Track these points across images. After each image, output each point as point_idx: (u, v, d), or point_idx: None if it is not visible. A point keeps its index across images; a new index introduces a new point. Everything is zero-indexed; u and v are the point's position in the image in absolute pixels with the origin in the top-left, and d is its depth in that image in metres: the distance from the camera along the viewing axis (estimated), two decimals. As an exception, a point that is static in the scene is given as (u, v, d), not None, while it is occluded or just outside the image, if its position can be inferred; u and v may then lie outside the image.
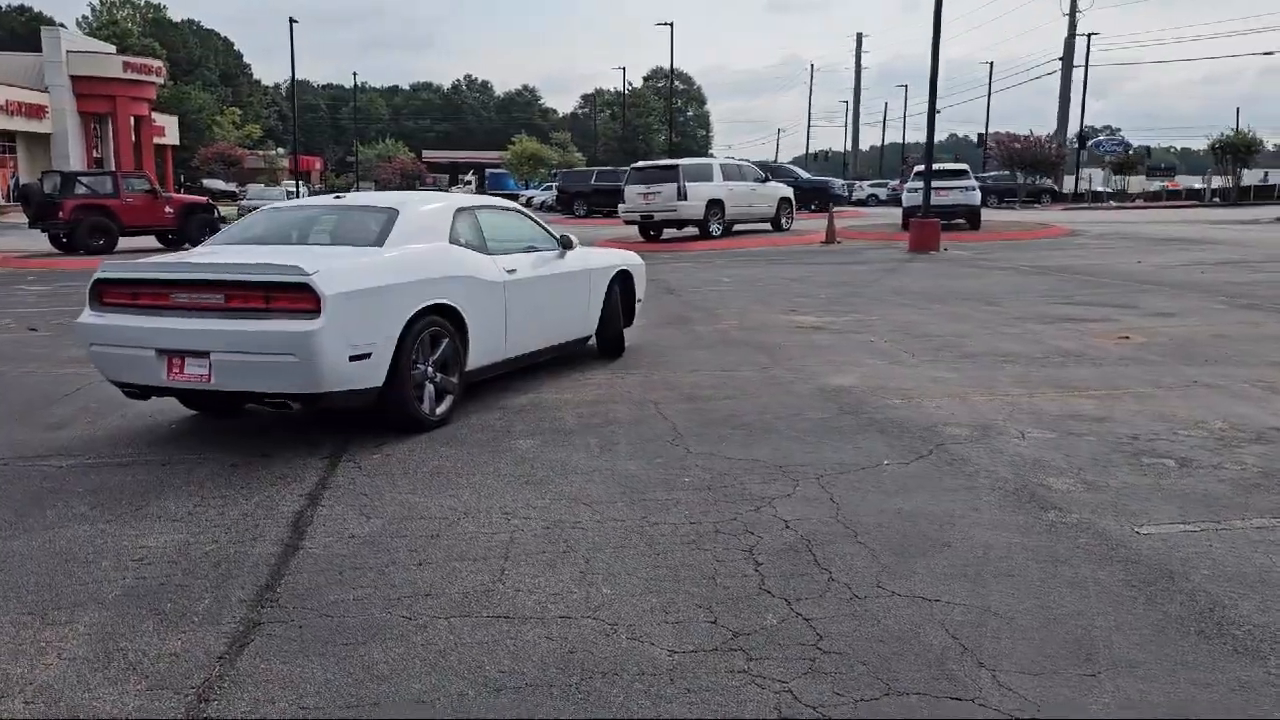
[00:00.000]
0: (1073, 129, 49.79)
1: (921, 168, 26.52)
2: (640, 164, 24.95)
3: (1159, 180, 54.43)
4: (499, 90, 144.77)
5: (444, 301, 6.24)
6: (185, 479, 5.28)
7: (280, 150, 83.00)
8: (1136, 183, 52.71)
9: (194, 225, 23.60)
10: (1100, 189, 45.58)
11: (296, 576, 3.92)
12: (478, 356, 6.66)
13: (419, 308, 6.03)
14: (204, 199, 25.43)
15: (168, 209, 23.28)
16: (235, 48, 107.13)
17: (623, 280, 8.72)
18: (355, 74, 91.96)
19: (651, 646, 3.29)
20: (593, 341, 8.52)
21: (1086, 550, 4.05)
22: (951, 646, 3.25)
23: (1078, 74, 51.90)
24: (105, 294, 5.90)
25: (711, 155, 77.03)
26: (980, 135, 68.37)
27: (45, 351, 9.63)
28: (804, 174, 40.80)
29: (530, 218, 7.88)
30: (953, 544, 4.15)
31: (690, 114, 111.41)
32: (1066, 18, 51.00)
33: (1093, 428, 5.96)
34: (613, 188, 32.32)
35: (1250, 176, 44.23)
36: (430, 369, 6.17)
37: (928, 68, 19.86)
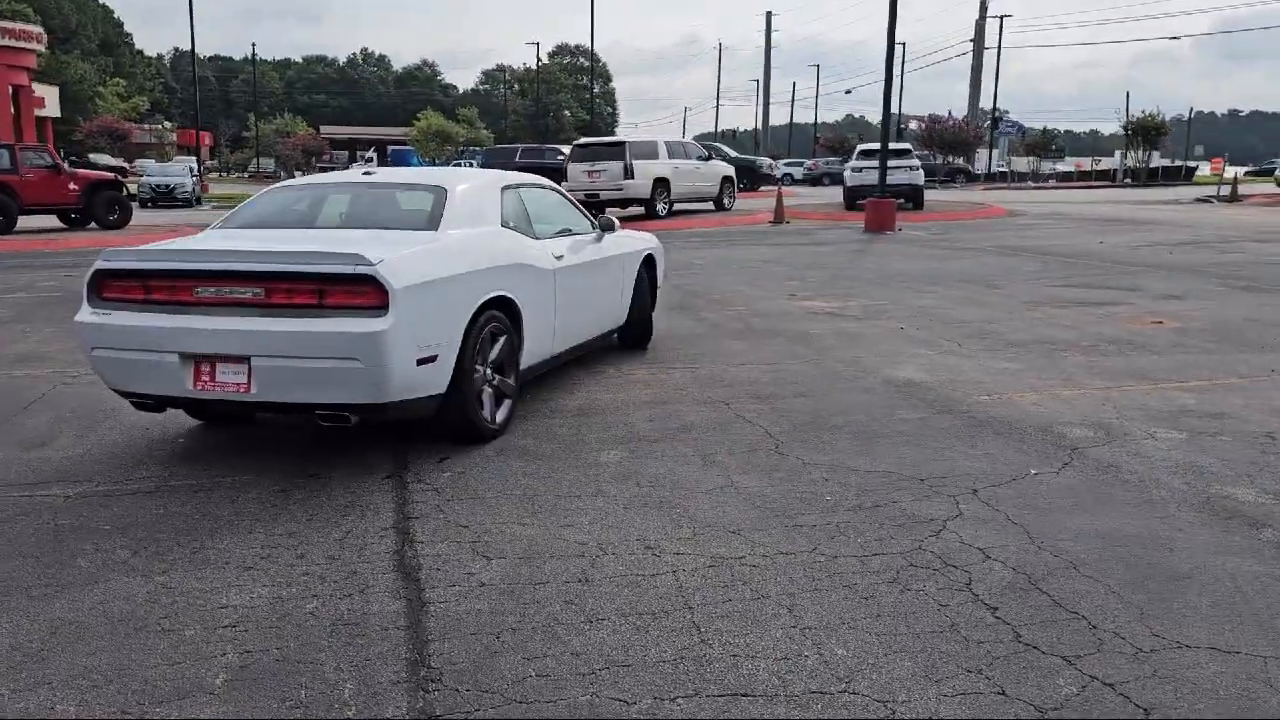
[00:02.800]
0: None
1: (865, 146, 26.41)
2: (584, 141, 24.09)
3: (1048, 161, 55.63)
4: (397, 65, 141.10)
5: (503, 294, 5.46)
6: (232, 510, 4.42)
7: (168, 124, 78.97)
8: (1036, 162, 53.81)
9: (100, 203, 21.87)
10: (1019, 170, 46.40)
11: (447, 644, 3.16)
12: (530, 354, 5.91)
13: (482, 301, 5.25)
14: (111, 175, 23.56)
15: (72, 185, 21.45)
16: (115, 15, 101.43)
17: (647, 265, 8.02)
18: (254, 45, 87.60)
19: (951, 731, 2.66)
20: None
21: (1345, 578, 3.56)
22: (1306, 717, 2.71)
23: (988, 56, 52.73)
24: (108, 288, 4.94)
25: (615, 133, 76.18)
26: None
27: (-19, 348, 8.44)
28: (731, 152, 40.36)
29: (566, 197, 7.10)
30: (1191, 575, 3.62)
31: (596, 90, 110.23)
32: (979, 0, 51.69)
33: (1217, 425, 5.54)
34: (538, 165, 31.31)
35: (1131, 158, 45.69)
36: (489, 371, 5.40)
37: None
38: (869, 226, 19.56)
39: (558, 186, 7.08)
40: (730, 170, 25.58)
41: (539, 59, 75.56)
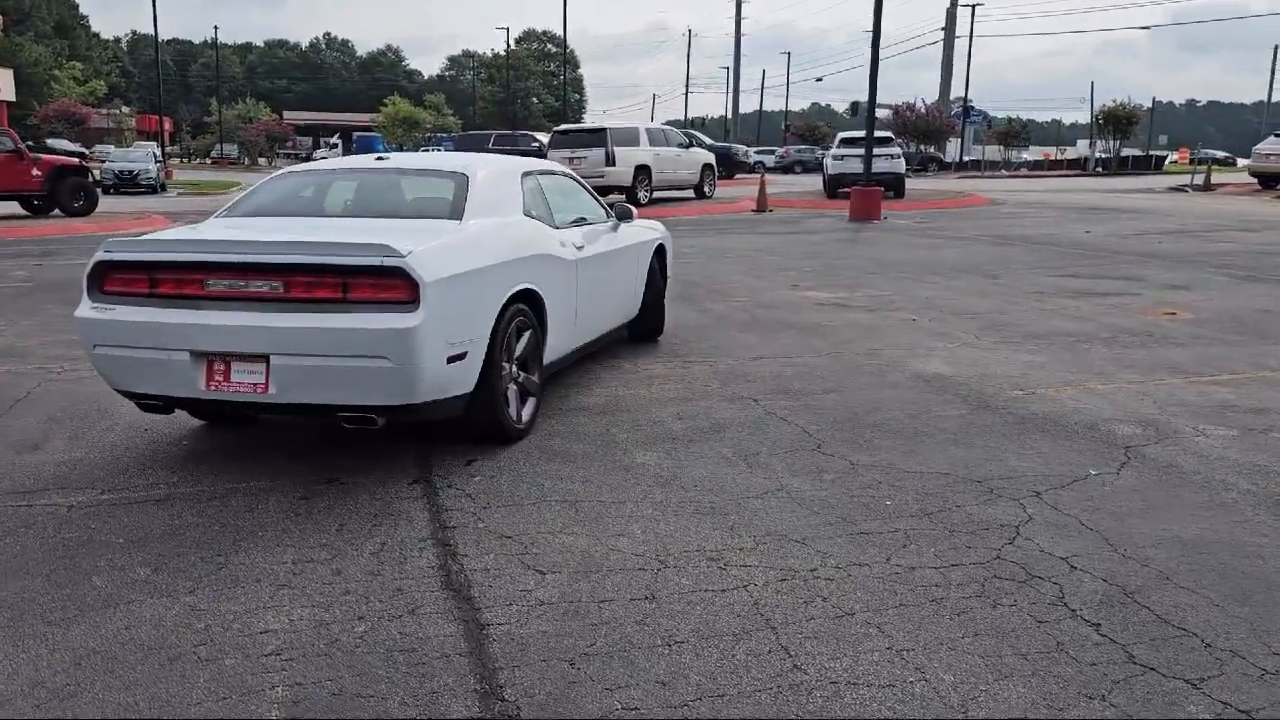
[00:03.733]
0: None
1: (846, 134, 26.26)
2: (564, 127, 23.74)
3: (1013, 150, 55.85)
4: (361, 50, 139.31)
5: (529, 287, 5.18)
6: (252, 519, 4.11)
7: (127, 109, 77.25)
8: (1006, 151, 54.06)
9: (65, 190, 21.17)
10: (992, 159, 46.56)
11: (517, 673, 2.89)
12: (553, 350, 5.63)
13: (510, 294, 4.96)
14: (76, 161, 22.84)
15: (35, 171, 20.72)
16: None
17: (658, 255, 7.75)
18: (216, 28, 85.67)
19: (1091, 769, 2.44)
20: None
21: None
22: None
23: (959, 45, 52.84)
24: (110, 280, 4.59)
25: (583, 119, 75.63)
26: (854, 104, 69.22)
27: (-45, 343, 8.00)
28: (707, 140, 40.08)
29: (581, 184, 6.81)
30: (1291, 585, 3.43)
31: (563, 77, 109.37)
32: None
33: (1264, 421, 5.39)
34: (513, 152, 30.89)
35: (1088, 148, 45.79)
36: (514, 368, 5.11)
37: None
38: (855, 215, 19.40)
39: (572, 173, 6.79)
40: (711, 158, 25.34)
41: (509, 45, 74.66)
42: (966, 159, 52.23)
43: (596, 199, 6.83)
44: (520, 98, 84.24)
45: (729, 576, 3.53)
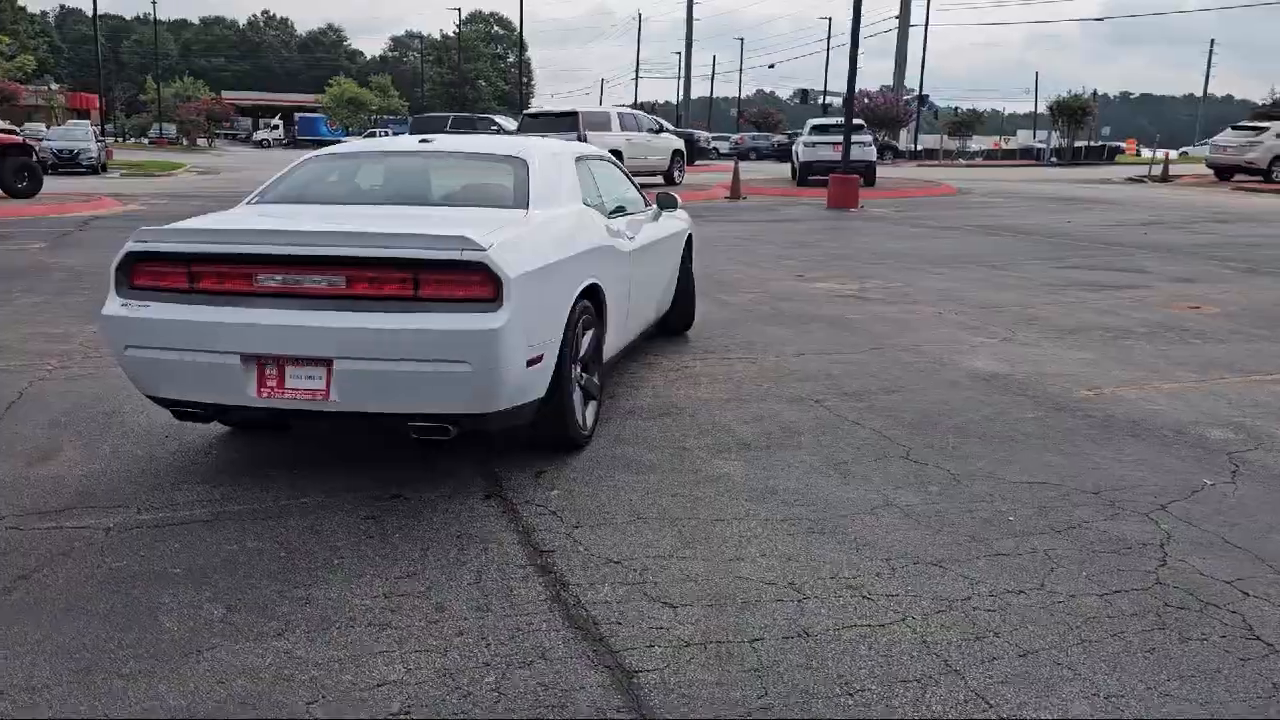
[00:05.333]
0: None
1: (817, 121, 26.07)
2: (534, 110, 23.20)
3: (959, 139, 56.23)
4: (300, 29, 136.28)
5: (595, 282, 4.79)
6: (319, 542, 3.68)
7: (57, 86, 74.46)
8: (962, 141, 54.55)
9: (8, 169, 20.10)
10: (947, 148, 46.84)
11: (695, 733, 2.53)
12: (610, 347, 5.25)
13: (580, 290, 4.58)
14: (19, 139, 21.67)
15: (-25, 150, 19.66)
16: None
17: (687, 245, 7.39)
18: (154, 2, 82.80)
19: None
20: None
21: None
22: None
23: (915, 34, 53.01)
24: (141, 274, 4.10)
25: (531, 104, 74.91)
26: (803, 92, 69.24)
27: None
28: (669, 125, 39.63)
29: (622, 169, 6.41)
30: None
31: (511, 60, 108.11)
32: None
33: (1352, 424, 5.21)
34: (469, 133, 30.16)
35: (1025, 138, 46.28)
36: (579, 369, 4.73)
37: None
38: (833, 203, 19.19)
39: (612, 158, 6.39)
40: (681, 143, 24.98)
41: (460, 26, 73.34)
42: (920, 148, 52.55)
43: (636, 186, 6.44)
44: (469, 80, 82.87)
45: (879, 608, 3.19)
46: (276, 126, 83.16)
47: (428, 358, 3.82)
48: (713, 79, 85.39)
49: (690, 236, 7.38)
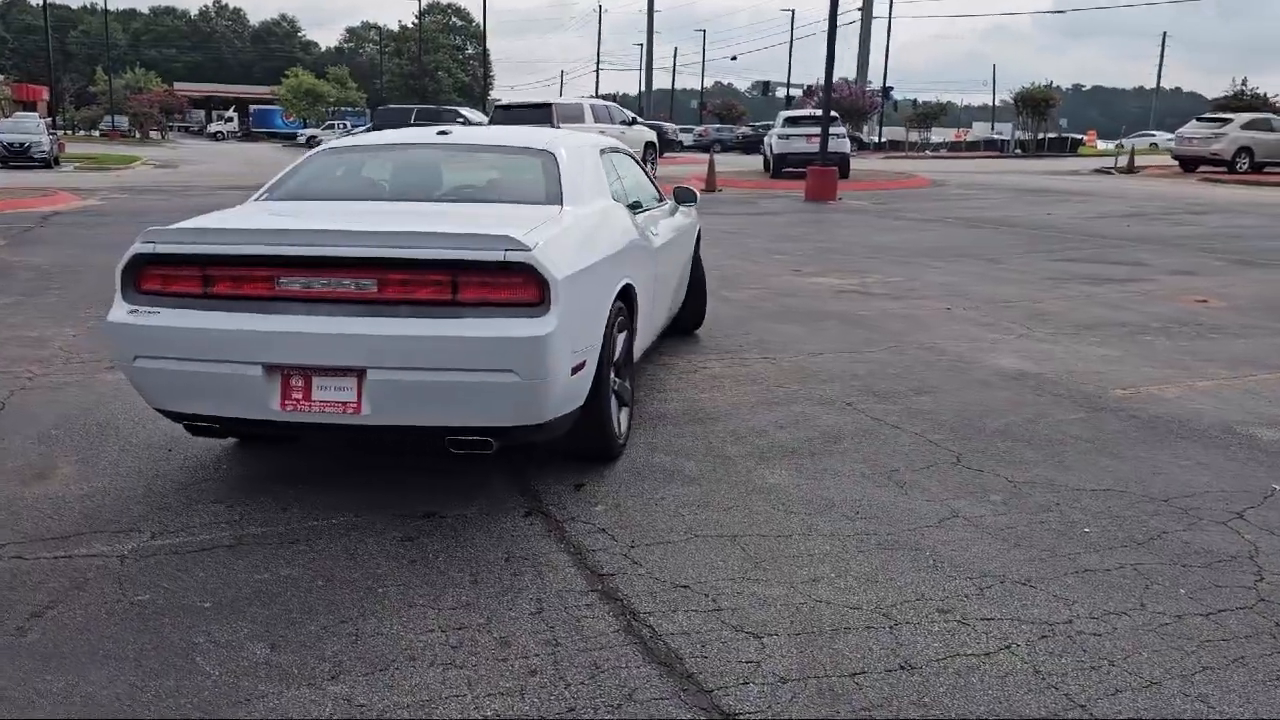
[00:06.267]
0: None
1: (790, 113, 25.92)
2: (507, 103, 22.80)
3: (919, 131, 56.40)
4: (253, 19, 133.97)
5: (630, 282, 4.53)
6: (358, 570, 3.39)
7: (2, 77, 72.44)
8: (926, 133, 54.82)
9: (-41, 163, 19.35)
10: (912, 140, 46.99)
11: (820, 787, 2.28)
12: (638, 349, 5.00)
13: (617, 291, 4.32)
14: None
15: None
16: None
17: (697, 241, 7.14)
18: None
19: None
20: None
21: None
22: None
23: (878, 25, 53.12)
24: (149, 278, 3.78)
25: (490, 95, 74.16)
26: (765, 84, 69.21)
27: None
28: (640, 118, 39.35)
29: (638, 162, 6.14)
30: None
31: (470, 51, 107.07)
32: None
33: (1400, 422, 5.09)
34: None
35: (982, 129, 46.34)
36: (613, 374, 4.46)
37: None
38: (811, 195, 19.03)
39: (629, 150, 6.11)
40: (653, 136, 24.72)
41: (420, 18, 72.36)
42: (884, 140, 52.72)
43: (652, 180, 6.18)
44: (430, 72, 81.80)
45: (979, 634, 2.97)
46: (231, 119, 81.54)
47: (471, 367, 3.54)
48: (674, 71, 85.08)
49: (700, 231, 7.13)
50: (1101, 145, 54.34)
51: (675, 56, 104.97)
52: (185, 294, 3.74)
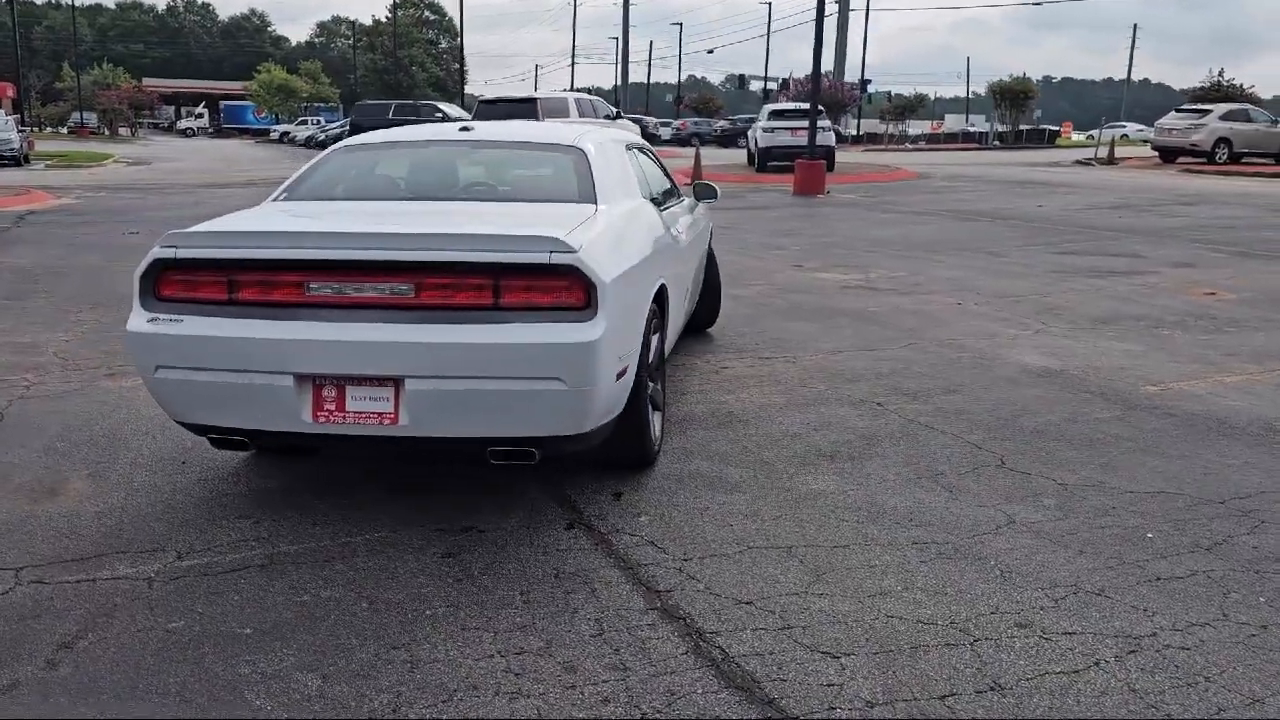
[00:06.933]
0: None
1: (775, 106, 25.81)
2: (490, 98, 22.55)
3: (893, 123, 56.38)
4: (222, 14, 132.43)
5: (664, 283, 4.38)
6: (401, 590, 3.23)
7: (-42, 73, 71.08)
8: (905, 126, 54.84)
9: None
10: (891, 133, 47.05)
11: (934, 825, 2.15)
12: (667, 351, 4.85)
13: (654, 293, 4.17)
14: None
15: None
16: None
17: (711, 237, 7.00)
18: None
19: None
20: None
21: None
22: None
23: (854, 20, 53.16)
24: (169, 284, 3.59)
25: (464, 91, 73.74)
26: (740, 78, 69.17)
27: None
28: (624, 112, 39.14)
29: (656, 158, 5.98)
30: None
31: (443, 46, 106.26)
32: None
33: None
34: (414, 122, 29.31)
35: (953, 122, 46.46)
36: (647, 378, 4.31)
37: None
38: (799, 189, 18.93)
39: (649, 145, 5.95)
40: (637, 129, 24.47)
41: (395, 12, 71.67)
42: (862, 133, 52.71)
43: (669, 176, 6.03)
44: (404, 67, 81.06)
45: (1065, 650, 2.85)
46: (201, 115, 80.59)
47: (516, 375, 3.38)
48: (649, 65, 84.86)
49: (711, 227, 6.99)
50: (1076, 136, 54.61)
51: (651, 50, 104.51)
52: (209, 301, 3.55)
